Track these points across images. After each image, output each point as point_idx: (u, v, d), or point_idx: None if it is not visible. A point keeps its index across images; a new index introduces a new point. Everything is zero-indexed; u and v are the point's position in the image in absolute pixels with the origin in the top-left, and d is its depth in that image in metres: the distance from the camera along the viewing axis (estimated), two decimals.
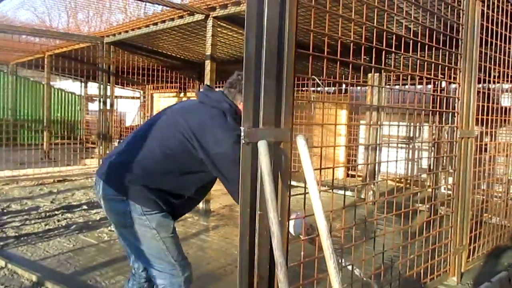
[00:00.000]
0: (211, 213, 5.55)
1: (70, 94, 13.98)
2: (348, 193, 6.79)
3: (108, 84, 7.96)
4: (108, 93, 8.01)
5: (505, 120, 4.48)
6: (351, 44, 2.28)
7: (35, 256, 3.74)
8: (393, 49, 2.52)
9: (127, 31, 6.98)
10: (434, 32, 2.83)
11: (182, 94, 10.68)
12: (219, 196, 6.41)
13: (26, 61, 10.31)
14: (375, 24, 2.28)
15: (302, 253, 2.01)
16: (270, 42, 1.70)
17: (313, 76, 1.92)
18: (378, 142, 5.99)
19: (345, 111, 8.60)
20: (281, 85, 1.77)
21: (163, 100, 11.59)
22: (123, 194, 1.97)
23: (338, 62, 2.16)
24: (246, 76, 1.66)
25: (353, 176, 8.84)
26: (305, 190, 1.94)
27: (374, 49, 2.44)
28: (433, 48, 2.82)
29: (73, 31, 10.14)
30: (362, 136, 8.62)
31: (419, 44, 2.69)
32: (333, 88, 8.55)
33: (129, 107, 15.36)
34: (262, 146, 1.68)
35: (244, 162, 1.70)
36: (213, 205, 5.75)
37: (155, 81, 10.43)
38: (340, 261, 2.18)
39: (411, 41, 2.67)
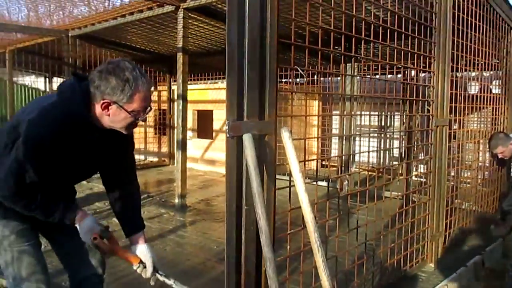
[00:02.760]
0: (187, 208, 5.45)
1: (34, 90, 13.42)
2: (322, 183, 6.82)
3: None
4: None
5: (472, 108, 4.59)
6: (332, 34, 2.25)
7: None
8: (375, 39, 2.51)
9: (93, 24, 6.75)
10: (409, 22, 2.83)
11: (152, 88, 10.44)
12: (195, 190, 6.34)
13: None
14: (345, 11, 2.26)
15: (288, 247, 1.99)
16: (252, 32, 1.65)
17: (296, 67, 1.89)
18: (352, 132, 6.03)
19: (317, 102, 8.63)
20: (265, 76, 1.72)
21: None
22: None
23: (307, 51, 2.13)
24: (230, 68, 1.61)
25: (326, 166, 8.89)
26: (290, 183, 1.91)
27: (343, 38, 2.42)
28: (403, 37, 2.80)
29: (35, 25, 9.73)
30: (335, 127, 8.68)
31: (395, 33, 2.70)
32: (304, 79, 8.54)
33: None
34: (247, 139, 1.64)
35: (229, 156, 1.65)
36: (189, 199, 5.65)
37: None
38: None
39: (389, 31, 2.67)
